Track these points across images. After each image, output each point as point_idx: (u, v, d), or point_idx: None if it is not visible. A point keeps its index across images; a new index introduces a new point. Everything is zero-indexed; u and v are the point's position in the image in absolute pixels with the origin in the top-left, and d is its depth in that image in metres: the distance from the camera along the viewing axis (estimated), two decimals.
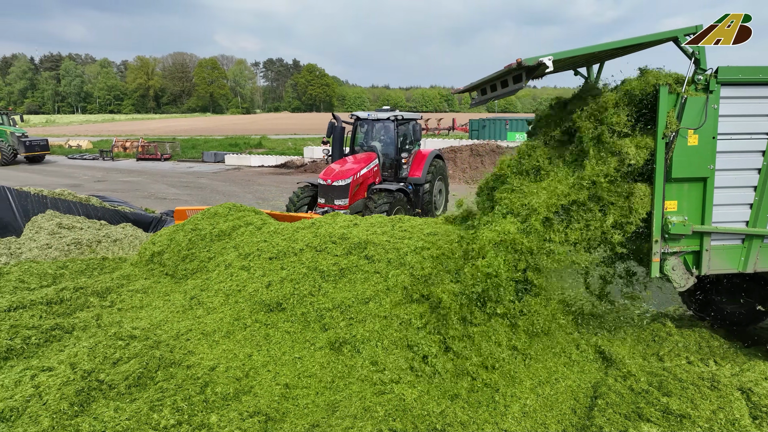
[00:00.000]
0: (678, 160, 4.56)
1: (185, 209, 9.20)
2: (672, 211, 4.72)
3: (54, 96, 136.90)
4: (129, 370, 4.15)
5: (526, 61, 4.16)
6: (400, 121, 11.22)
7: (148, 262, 7.04)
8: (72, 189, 11.91)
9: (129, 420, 3.56)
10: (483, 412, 4.01)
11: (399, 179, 11.34)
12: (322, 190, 9.94)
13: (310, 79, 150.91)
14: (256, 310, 5.20)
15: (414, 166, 11.50)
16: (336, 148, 11.23)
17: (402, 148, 11.46)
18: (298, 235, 6.31)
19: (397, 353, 4.44)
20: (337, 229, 6.23)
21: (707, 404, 4.08)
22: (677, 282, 4.88)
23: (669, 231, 4.69)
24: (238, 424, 3.66)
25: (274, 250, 6.09)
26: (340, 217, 6.97)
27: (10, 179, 20.81)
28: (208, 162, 29.28)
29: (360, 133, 11.81)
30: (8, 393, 3.77)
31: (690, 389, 4.29)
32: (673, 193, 4.69)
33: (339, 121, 11.17)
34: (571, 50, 4.40)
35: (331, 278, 5.34)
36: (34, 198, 9.25)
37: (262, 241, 6.50)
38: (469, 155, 21.11)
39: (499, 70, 4.58)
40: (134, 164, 28.88)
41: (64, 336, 4.96)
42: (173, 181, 21.08)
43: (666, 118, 4.47)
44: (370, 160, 10.67)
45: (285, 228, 6.76)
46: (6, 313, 5.27)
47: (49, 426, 3.46)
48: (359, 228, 6.32)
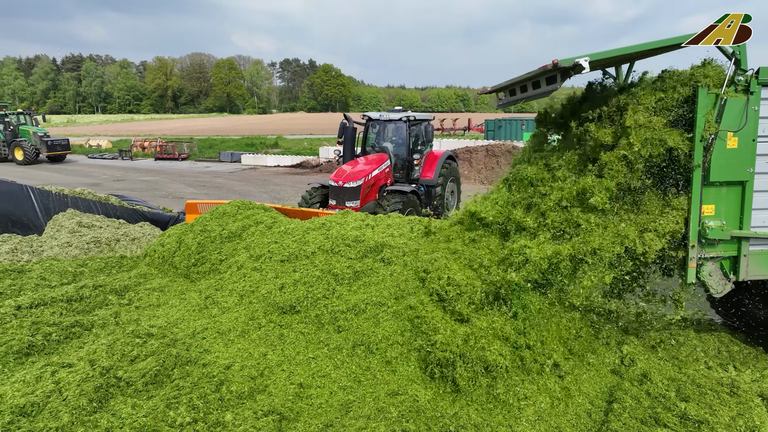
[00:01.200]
0: (716, 164, 4.43)
1: (196, 203, 9.21)
2: (709, 216, 4.59)
3: (75, 96, 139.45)
4: (146, 368, 4.22)
5: (563, 62, 4.08)
6: (412, 122, 11.12)
7: (160, 264, 7.11)
8: (92, 188, 12.13)
9: (146, 417, 3.61)
10: (497, 415, 3.99)
11: (411, 180, 11.24)
12: (334, 192, 9.86)
13: (326, 79, 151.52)
14: (270, 311, 5.24)
15: (426, 167, 11.41)
16: (347, 149, 11.16)
17: (414, 149, 11.37)
18: (309, 237, 6.30)
19: (410, 354, 4.43)
20: (350, 231, 6.21)
21: (726, 410, 4.02)
22: (714, 288, 4.77)
23: (706, 236, 4.56)
24: (253, 422, 3.69)
25: (285, 252, 6.09)
26: (350, 215, 6.92)
27: (32, 178, 21.24)
28: (224, 162, 29.57)
29: (372, 134, 11.73)
30: (30, 388, 3.85)
31: (708, 395, 4.23)
32: (711, 197, 4.56)
33: (350, 121, 11.10)
34: (608, 51, 4.34)
35: (346, 281, 5.35)
36: (55, 197, 9.43)
37: (272, 242, 6.48)
38: (485, 156, 21.02)
39: (532, 70, 4.50)
40: (152, 164, 29.27)
41: (83, 333, 5.06)
42: (190, 181, 21.33)
43: (704, 120, 4.37)
44: (382, 162, 10.59)
45: (295, 228, 6.74)
46: (28, 309, 5.39)
47: (68, 421, 3.53)
48: (374, 230, 6.31)
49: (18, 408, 3.58)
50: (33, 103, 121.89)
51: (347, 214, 6.98)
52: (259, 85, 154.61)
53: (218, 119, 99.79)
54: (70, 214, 9.28)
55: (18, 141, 27.87)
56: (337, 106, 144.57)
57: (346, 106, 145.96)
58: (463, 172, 20.32)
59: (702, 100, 4.36)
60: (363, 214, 7.02)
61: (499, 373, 4.21)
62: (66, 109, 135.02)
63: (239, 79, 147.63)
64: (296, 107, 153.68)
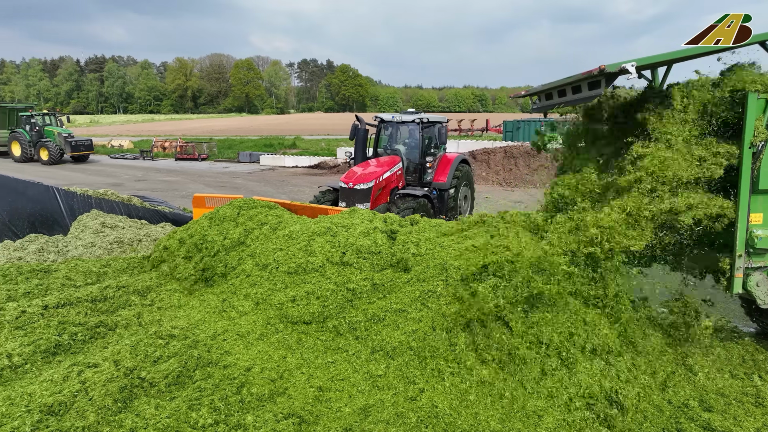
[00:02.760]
0: (766, 171, 4.33)
1: (204, 196, 9.10)
2: (757, 224, 4.48)
3: (98, 97, 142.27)
4: (169, 369, 4.29)
5: (609, 68, 4.04)
6: (425, 124, 10.86)
7: (166, 278, 6.85)
8: (114, 188, 12.35)
9: (169, 418, 3.68)
10: (516, 422, 3.98)
11: (423, 184, 11.00)
12: (344, 194, 9.65)
13: (343, 80, 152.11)
14: (285, 320, 5.21)
15: (439, 170, 11.13)
16: (358, 151, 10.97)
17: (427, 151, 11.14)
18: (316, 246, 5.98)
19: (430, 360, 4.43)
20: (360, 239, 5.91)
21: (751, 421, 3.95)
22: (761, 299, 4.68)
23: (754, 245, 4.46)
24: (273, 425, 3.73)
25: (291, 263, 5.84)
26: (357, 215, 6.59)
27: (57, 178, 21.70)
28: (243, 162, 29.85)
29: (384, 136, 11.51)
30: (57, 388, 3.95)
31: (733, 405, 4.17)
32: (759, 205, 4.45)
33: (362, 123, 10.90)
34: (654, 56, 4.28)
35: (364, 295, 5.24)
36: (79, 198, 9.64)
37: (278, 248, 6.20)
38: (503, 157, 20.89)
39: (573, 75, 4.47)
40: (173, 164, 29.68)
41: (107, 333, 5.15)
42: (210, 181, 21.59)
43: (754, 126, 4.25)
44: (394, 164, 10.38)
45: (300, 231, 6.40)
46: (54, 309, 5.52)
47: (94, 421, 3.61)
48: (389, 236, 6.08)
49: (46, 407, 3.68)
50: (57, 104, 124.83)
51: (354, 214, 6.68)
52: (277, 86, 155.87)
53: (237, 119, 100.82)
54: (94, 215, 9.47)
55: (43, 141, 28.48)
56: (354, 106, 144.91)
57: (363, 106, 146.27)
58: (481, 174, 20.23)
59: (751, 106, 4.24)
60: (370, 213, 6.72)
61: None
62: (89, 109, 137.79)
63: (258, 80, 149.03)
64: (314, 107, 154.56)
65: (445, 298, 4.75)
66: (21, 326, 5.06)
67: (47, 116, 30.59)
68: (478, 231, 5.64)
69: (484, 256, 4.94)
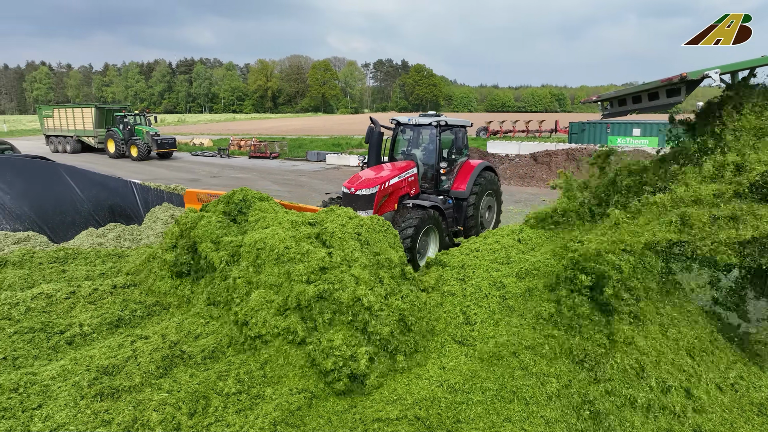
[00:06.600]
0: None
1: (195, 192, 8.74)
2: None
3: (186, 97, 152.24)
4: (206, 345, 4.94)
5: (691, 75, 3.90)
6: (443, 128, 10.00)
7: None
8: (191, 183, 13.53)
9: (199, 384, 4.30)
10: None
11: (440, 192, 10.07)
12: (346, 200, 8.81)
13: (417, 79, 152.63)
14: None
15: (459, 178, 10.23)
16: (372, 155, 10.20)
17: (445, 157, 10.16)
18: (295, 291, 5.01)
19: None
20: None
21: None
22: None
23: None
24: (287, 397, 4.26)
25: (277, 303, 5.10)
26: (349, 225, 5.74)
27: (143, 172, 23.83)
28: (311, 161, 31.07)
29: (401, 139, 10.67)
30: (113, 353, 4.70)
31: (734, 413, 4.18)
32: None
33: (377, 125, 10.07)
34: (741, 62, 4.08)
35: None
36: (153, 192, 10.78)
37: (262, 299, 5.15)
38: (565, 159, 20.47)
39: (651, 81, 4.31)
40: (246, 162, 31.44)
41: (161, 312, 5.92)
42: (277, 179, 22.78)
43: None
44: (406, 169, 9.51)
45: (289, 256, 5.35)
46: (122, 289, 6.38)
47: (139, 382, 4.30)
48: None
49: (102, 368, 4.40)
50: (151, 104, 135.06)
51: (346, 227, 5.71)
52: (352, 86, 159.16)
53: (311, 119, 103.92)
54: (165, 207, 10.56)
55: (134, 139, 31.22)
56: (428, 106, 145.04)
57: (437, 106, 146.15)
58: (540, 176, 19.95)
59: None
60: (356, 222, 5.86)
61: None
62: (178, 108, 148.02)
63: (334, 80, 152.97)
64: (387, 107, 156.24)
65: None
66: (93, 301, 5.94)
67: (138, 116, 33.43)
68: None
69: None
